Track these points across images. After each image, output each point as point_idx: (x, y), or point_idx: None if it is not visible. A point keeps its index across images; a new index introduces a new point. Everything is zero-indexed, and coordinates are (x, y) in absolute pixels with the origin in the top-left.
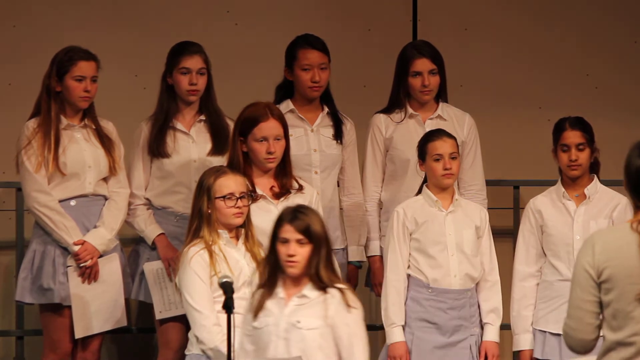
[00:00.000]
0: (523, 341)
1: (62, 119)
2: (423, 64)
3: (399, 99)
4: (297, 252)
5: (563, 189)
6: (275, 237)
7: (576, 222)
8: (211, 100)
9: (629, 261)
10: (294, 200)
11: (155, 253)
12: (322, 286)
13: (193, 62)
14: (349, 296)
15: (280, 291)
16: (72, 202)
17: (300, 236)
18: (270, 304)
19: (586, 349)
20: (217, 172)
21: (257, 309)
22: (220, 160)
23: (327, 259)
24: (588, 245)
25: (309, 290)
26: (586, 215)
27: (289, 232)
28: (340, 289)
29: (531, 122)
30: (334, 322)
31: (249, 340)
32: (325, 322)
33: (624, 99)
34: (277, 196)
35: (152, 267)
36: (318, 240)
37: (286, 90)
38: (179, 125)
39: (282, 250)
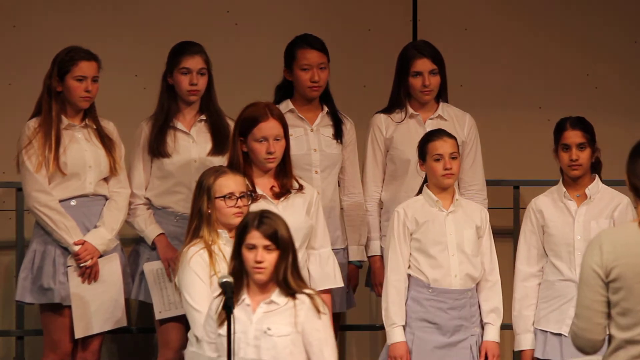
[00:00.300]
0: (524, 341)
1: (63, 118)
2: (424, 64)
3: (400, 99)
4: (264, 259)
5: (564, 189)
6: (240, 242)
7: (577, 222)
8: (212, 101)
9: (638, 259)
10: (294, 200)
11: (155, 253)
12: (290, 292)
13: (194, 62)
14: (317, 301)
15: (245, 298)
16: (73, 202)
17: (267, 242)
18: (236, 310)
19: (595, 349)
20: (217, 172)
21: (222, 316)
22: (221, 160)
23: (294, 264)
24: (595, 245)
25: (277, 297)
26: (587, 215)
27: (256, 238)
28: (308, 295)
29: (531, 122)
30: (304, 328)
31: (212, 347)
32: (296, 329)
33: (624, 99)
34: (277, 196)
35: (152, 267)
36: (285, 246)
37: (286, 90)
38: (179, 125)
39: (249, 256)
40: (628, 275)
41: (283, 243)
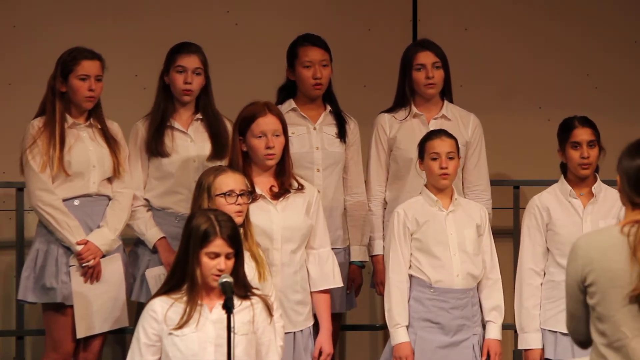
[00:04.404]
0: (533, 340)
1: (68, 117)
2: (426, 57)
3: (405, 97)
4: (226, 265)
5: (570, 187)
6: (197, 247)
7: (585, 221)
8: (209, 103)
9: (613, 264)
10: (293, 199)
11: (155, 256)
12: (245, 294)
13: (189, 61)
14: (269, 303)
15: (199, 299)
16: (76, 202)
17: (231, 250)
18: (192, 311)
19: (586, 346)
20: (217, 170)
21: (185, 319)
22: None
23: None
24: (573, 250)
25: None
26: (594, 214)
27: (220, 246)
28: (259, 296)
29: (531, 122)
30: (259, 327)
31: (151, 351)
32: (253, 328)
33: (624, 99)
34: (276, 196)
35: (154, 273)
36: (241, 249)
37: (288, 91)
38: (176, 125)
39: (210, 263)
40: (602, 279)
41: (240, 247)
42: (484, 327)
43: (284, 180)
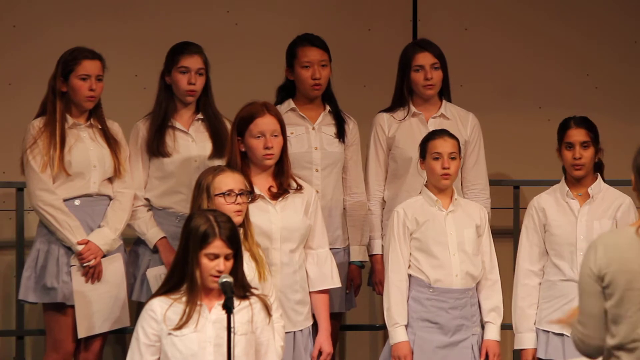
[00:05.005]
0: (527, 340)
1: (68, 117)
2: (425, 58)
3: (403, 97)
4: (226, 267)
5: (567, 188)
6: (197, 249)
7: (580, 221)
8: (210, 104)
9: (630, 266)
10: (292, 200)
11: (156, 256)
12: (244, 294)
13: (192, 62)
14: (267, 303)
15: (199, 299)
16: (77, 202)
17: (230, 250)
18: (192, 312)
19: (602, 354)
20: (216, 170)
21: (184, 320)
22: (221, 162)
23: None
24: (591, 249)
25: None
26: (590, 215)
27: (219, 247)
28: (258, 296)
29: (531, 122)
30: (257, 326)
31: (151, 351)
32: (252, 327)
33: (624, 99)
34: (275, 196)
35: (154, 273)
36: (240, 249)
37: (287, 91)
38: (177, 125)
39: (210, 265)
40: (620, 281)
41: (239, 247)
42: (483, 327)
43: (283, 180)
